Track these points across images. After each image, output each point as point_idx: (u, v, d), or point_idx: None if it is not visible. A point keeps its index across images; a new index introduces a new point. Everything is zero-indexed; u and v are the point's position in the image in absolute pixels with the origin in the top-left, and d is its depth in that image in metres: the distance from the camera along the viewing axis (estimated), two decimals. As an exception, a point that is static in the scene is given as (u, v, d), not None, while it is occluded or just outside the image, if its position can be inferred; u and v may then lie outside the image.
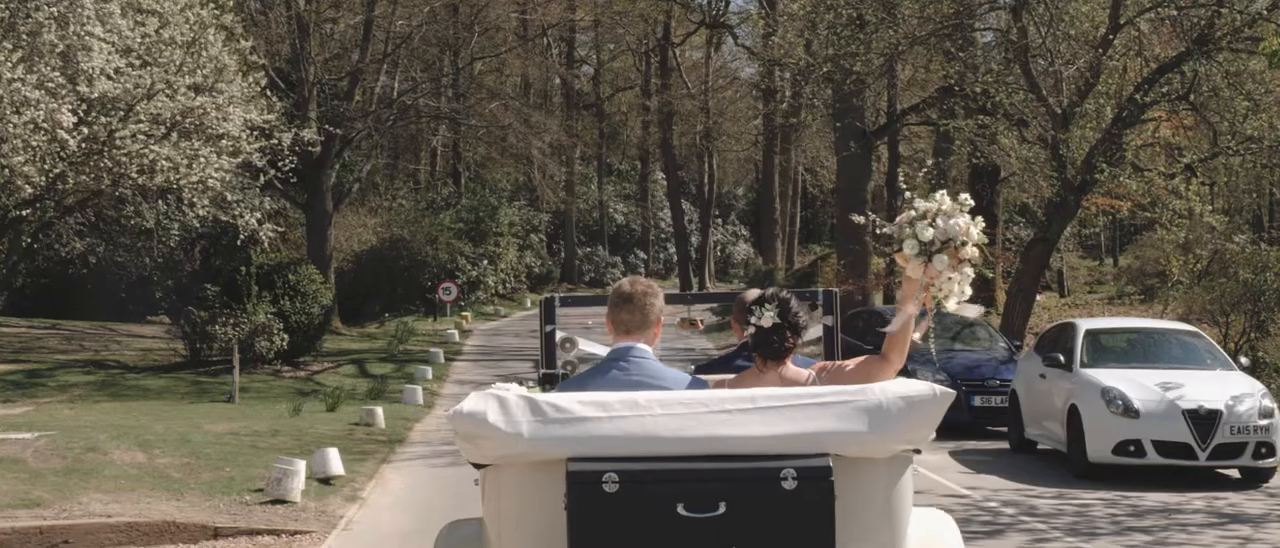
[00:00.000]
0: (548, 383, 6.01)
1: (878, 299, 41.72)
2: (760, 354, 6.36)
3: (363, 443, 20.66)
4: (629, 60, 79.82)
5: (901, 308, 6.26)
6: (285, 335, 31.58)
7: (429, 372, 31.66)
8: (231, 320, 30.90)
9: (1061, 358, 19.10)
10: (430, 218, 54.52)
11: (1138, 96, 26.50)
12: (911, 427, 5.49)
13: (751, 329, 6.34)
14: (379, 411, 23.02)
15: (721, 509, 5.27)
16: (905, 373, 6.34)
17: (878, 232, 6.24)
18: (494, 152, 67.42)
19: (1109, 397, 17.75)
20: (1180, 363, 19.01)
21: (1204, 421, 17.30)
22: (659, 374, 6.04)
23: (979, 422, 22.75)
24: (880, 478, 5.58)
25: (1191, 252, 31.85)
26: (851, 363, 6.46)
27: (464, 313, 51.82)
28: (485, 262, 56.33)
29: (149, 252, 45.22)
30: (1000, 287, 42.90)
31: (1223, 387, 17.89)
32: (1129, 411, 17.56)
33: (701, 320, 7.16)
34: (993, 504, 15.94)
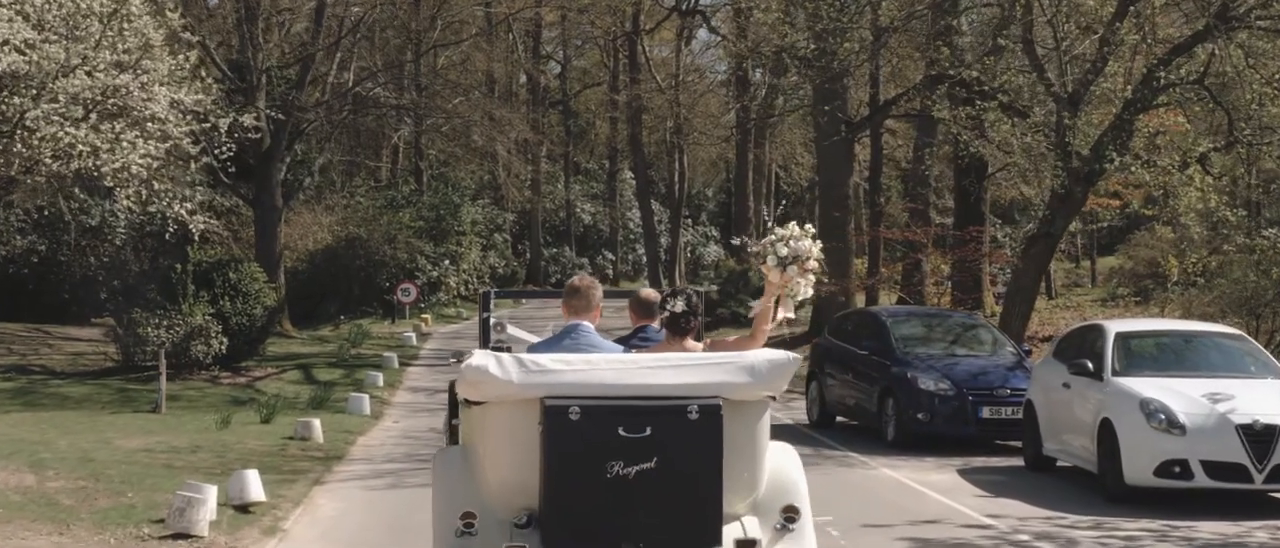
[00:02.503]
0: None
1: (860, 300, 39.49)
2: (670, 331, 8.96)
3: (295, 461, 18.27)
4: (596, 57, 77.77)
5: (765, 300, 8.88)
6: (224, 338, 29.16)
7: (380, 378, 29.23)
8: (165, 322, 28.44)
9: (1089, 365, 16.72)
10: (389, 216, 52.05)
11: (1161, 74, 24.20)
12: (774, 380, 8.12)
13: (665, 314, 8.95)
14: (316, 423, 20.58)
15: (648, 431, 7.79)
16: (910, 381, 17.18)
17: (749, 251, 8.63)
18: (457, 148, 65.14)
19: (1149, 410, 15.39)
20: (1224, 371, 16.66)
21: (1261, 437, 14.94)
22: (599, 344, 8.66)
23: (986, 435, 20.43)
24: (750, 415, 8.26)
25: (1200, 249, 29.62)
26: (732, 338, 9.52)
27: (424, 315, 49.43)
28: (447, 262, 53.90)
29: (94, 250, 42.71)
30: (988, 289, 40.72)
31: (1278, 398, 15.57)
32: (1173, 425, 15.20)
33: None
34: (1023, 537, 13.62)
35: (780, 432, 20.90)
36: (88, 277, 41.71)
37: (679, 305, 8.92)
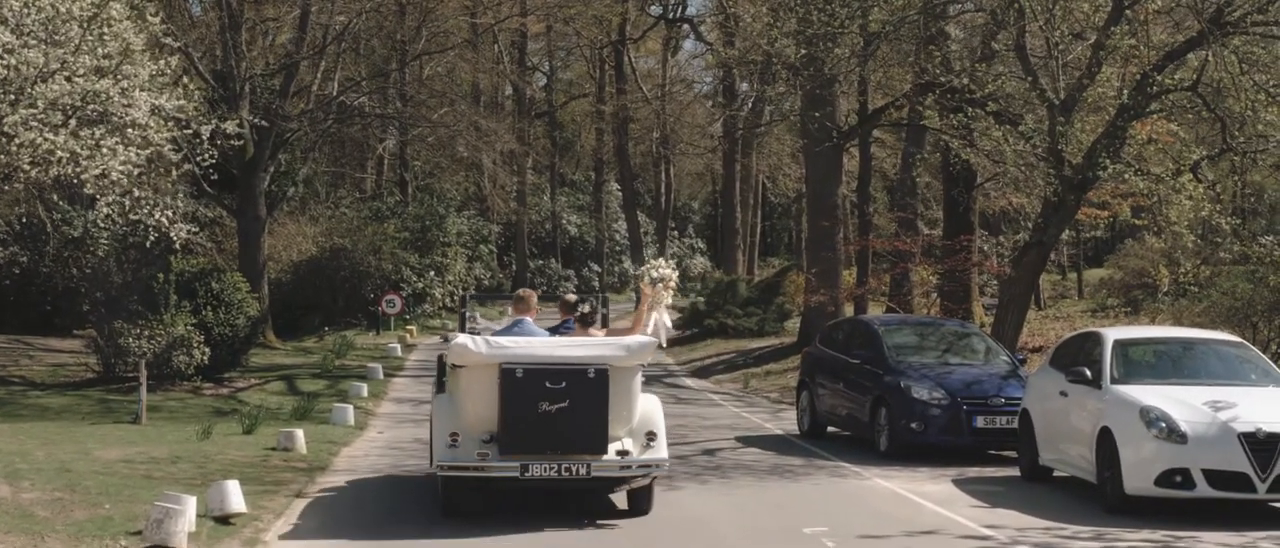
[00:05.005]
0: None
1: (849, 310, 39.19)
2: (581, 324, 15.33)
3: (278, 472, 17.89)
4: (582, 69, 77.48)
5: (640, 307, 15.06)
6: (206, 349, 28.74)
7: (365, 389, 28.83)
8: (146, 332, 28.02)
9: (1087, 373, 16.41)
10: (374, 227, 51.56)
11: (1157, 78, 23.88)
12: (640, 354, 14.17)
13: (579, 314, 15.49)
14: (299, 433, 20.19)
15: (563, 384, 13.67)
16: (903, 390, 20.09)
17: (633, 273, 12.26)
18: (442, 159, 64.77)
19: (1150, 418, 15.07)
20: (1224, 378, 16.37)
21: (1263, 446, 14.64)
22: (535, 331, 14.79)
23: (980, 445, 20.12)
24: (627, 376, 14.08)
25: (1193, 258, 29.29)
26: (621, 329, 15.45)
27: (409, 326, 48.99)
28: (432, 273, 53.45)
29: (76, 261, 42.21)
30: (976, 300, 40.42)
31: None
32: (1174, 434, 14.88)
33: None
34: (1024, 548, 13.34)
35: (772, 442, 20.72)
36: (69, 288, 41.17)
37: (587, 310, 15.71)
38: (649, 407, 14.51)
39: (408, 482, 17.38)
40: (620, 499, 15.16)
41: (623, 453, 14.06)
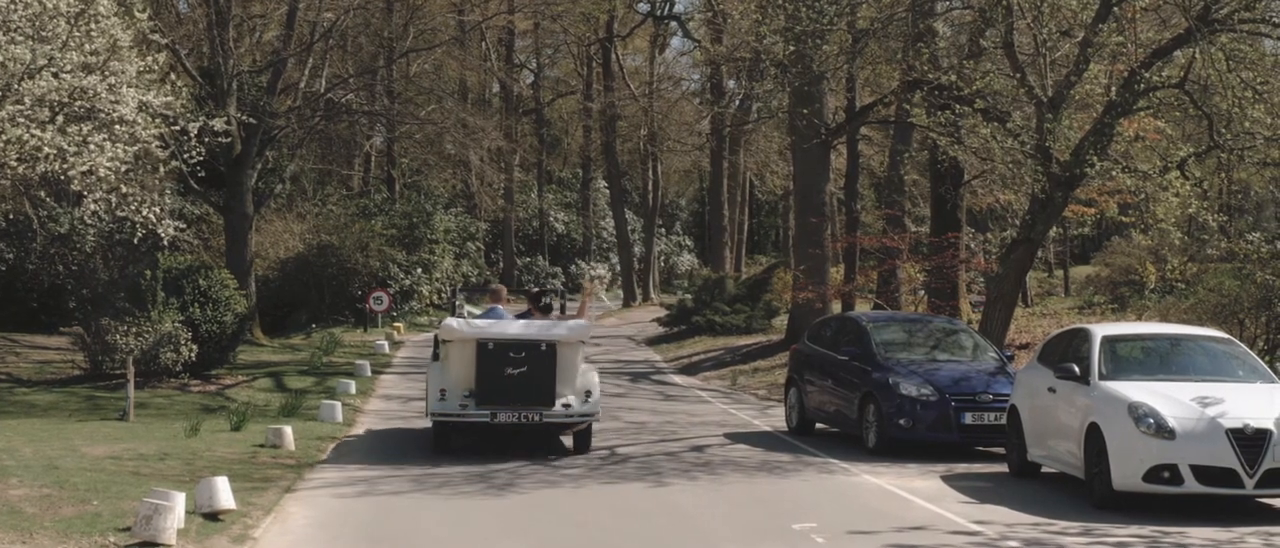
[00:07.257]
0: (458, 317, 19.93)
1: (836, 307, 39.21)
2: (540, 311, 20.65)
3: (266, 468, 17.87)
4: (569, 66, 77.47)
5: (584, 298, 22.03)
6: (194, 346, 28.67)
7: (352, 386, 28.77)
8: (133, 329, 27.97)
9: (1075, 369, 16.44)
10: (361, 224, 51.46)
11: (1145, 75, 23.91)
12: (580, 333, 19.59)
13: (544, 302, 21.00)
14: (288, 430, 20.17)
15: (523, 355, 19.03)
16: (891, 386, 20.29)
17: (585, 278, 27.86)
18: (430, 156, 64.76)
19: (1138, 414, 15.10)
20: (1212, 374, 16.40)
21: (1251, 442, 14.69)
22: (504, 316, 20.02)
23: (968, 441, 20.14)
24: (572, 350, 19.34)
25: (1180, 255, 29.40)
26: (569, 315, 21.55)
27: (396, 324, 48.92)
28: (419, 270, 53.38)
29: (62, 258, 42.10)
30: (964, 296, 40.42)
31: (1269, 402, 15.30)
32: (1162, 430, 14.92)
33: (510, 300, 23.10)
34: (1012, 543, 13.35)
35: (760, 438, 20.73)
36: (56, 285, 41.07)
37: (548, 302, 20.82)
38: (588, 373, 19.61)
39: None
40: (569, 442, 20.41)
41: (566, 406, 19.13)
